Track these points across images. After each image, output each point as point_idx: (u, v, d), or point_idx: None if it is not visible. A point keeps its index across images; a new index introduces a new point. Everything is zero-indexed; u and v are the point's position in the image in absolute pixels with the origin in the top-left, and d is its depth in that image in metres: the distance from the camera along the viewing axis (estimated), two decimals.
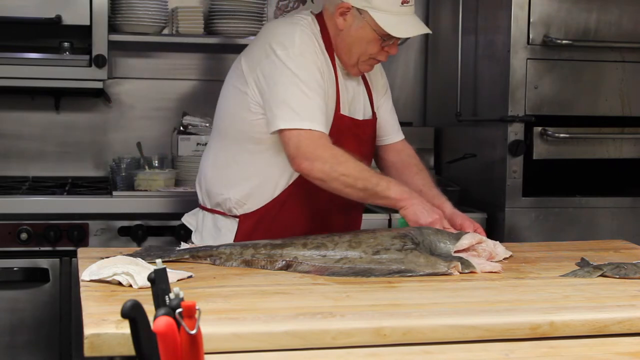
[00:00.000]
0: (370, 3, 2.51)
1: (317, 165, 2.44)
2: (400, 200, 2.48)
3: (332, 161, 2.44)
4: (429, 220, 2.45)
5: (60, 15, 3.52)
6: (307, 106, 2.46)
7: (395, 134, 2.90)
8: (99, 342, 1.62)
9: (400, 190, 2.49)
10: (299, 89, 2.47)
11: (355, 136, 2.66)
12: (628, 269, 2.23)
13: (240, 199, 2.64)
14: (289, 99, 2.47)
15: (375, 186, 2.47)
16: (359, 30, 2.55)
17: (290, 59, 2.50)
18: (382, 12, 2.51)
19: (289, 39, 2.53)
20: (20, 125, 3.94)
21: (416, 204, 2.48)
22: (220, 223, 2.69)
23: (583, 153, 3.56)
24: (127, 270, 1.99)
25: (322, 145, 2.46)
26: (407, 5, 2.53)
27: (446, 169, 4.07)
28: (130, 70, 4.03)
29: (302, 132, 2.45)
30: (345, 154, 2.48)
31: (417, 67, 4.35)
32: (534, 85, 3.45)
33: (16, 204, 3.34)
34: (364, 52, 2.58)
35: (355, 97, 2.69)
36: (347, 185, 2.46)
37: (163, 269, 1.44)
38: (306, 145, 2.44)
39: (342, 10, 2.55)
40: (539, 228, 3.49)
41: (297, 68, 2.49)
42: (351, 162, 2.47)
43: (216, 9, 3.86)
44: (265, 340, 1.67)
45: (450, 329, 1.75)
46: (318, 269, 2.22)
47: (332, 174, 2.44)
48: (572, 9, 3.47)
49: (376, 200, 2.52)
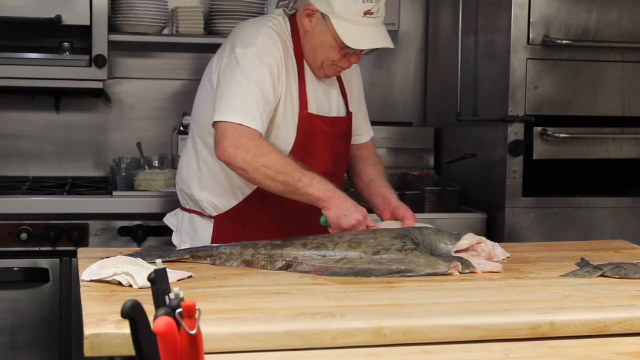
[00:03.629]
0: (333, 10, 2.50)
1: (240, 153, 2.41)
2: (322, 199, 2.43)
3: (255, 151, 2.41)
4: (352, 223, 2.41)
5: (60, 15, 3.51)
6: (244, 103, 2.46)
7: (366, 134, 2.92)
8: (99, 342, 1.63)
9: (323, 189, 2.43)
10: (241, 87, 2.47)
11: (326, 134, 2.66)
12: (628, 269, 2.23)
13: (211, 200, 2.67)
14: (230, 95, 2.47)
15: (296, 181, 2.42)
16: (321, 34, 2.55)
17: (244, 58, 2.51)
18: (344, 21, 2.50)
19: (250, 39, 2.55)
20: (20, 125, 3.94)
21: (339, 204, 2.43)
22: (197, 223, 2.72)
23: (583, 153, 3.55)
24: (127, 270, 2.00)
25: (248, 135, 2.43)
26: (370, 16, 2.50)
27: (446, 169, 4.07)
28: (130, 70, 4.03)
29: (232, 125, 2.44)
30: (270, 146, 2.46)
31: (417, 67, 4.35)
32: (534, 85, 3.45)
33: (16, 204, 3.33)
34: (326, 57, 2.58)
35: (328, 96, 2.69)
36: (268, 177, 2.42)
37: (163, 269, 1.44)
38: (231, 133, 2.43)
39: (308, 12, 2.56)
40: (539, 228, 3.49)
41: (246, 66, 2.50)
42: (275, 154, 2.43)
43: (216, 9, 3.87)
44: (265, 340, 1.67)
45: (450, 329, 1.75)
46: (318, 269, 2.22)
47: (253, 163, 2.41)
48: (572, 9, 3.47)
49: (297, 197, 2.45)
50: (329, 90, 2.71)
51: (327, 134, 2.66)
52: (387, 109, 4.32)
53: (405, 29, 4.30)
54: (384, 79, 4.32)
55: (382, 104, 4.31)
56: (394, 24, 4.25)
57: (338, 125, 2.71)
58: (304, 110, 2.61)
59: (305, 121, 2.61)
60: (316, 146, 2.62)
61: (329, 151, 2.67)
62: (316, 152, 2.60)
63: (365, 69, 4.31)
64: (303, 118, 2.60)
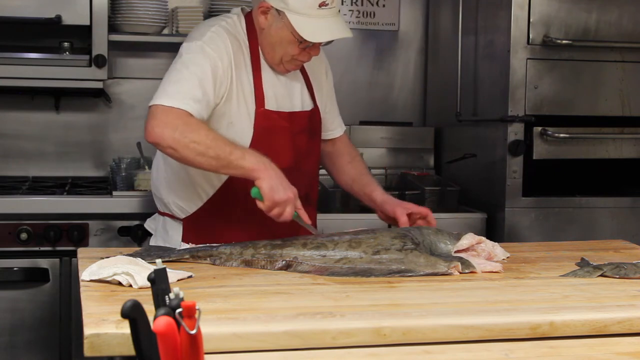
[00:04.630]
0: (287, 5, 2.49)
1: (167, 132, 2.37)
2: (255, 170, 2.35)
3: (183, 128, 2.37)
4: (283, 197, 2.33)
5: (60, 15, 3.51)
6: (177, 87, 2.43)
7: (338, 128, 2.91)
8: (99, 342, 1.63)
9: (255, 161, 2.36)
10: (179, 74, 2.46)
11: (286, 129, 2.63)
12: (628, 269, 2.23)
13: (177, 202, 2.68)
14: (167, 82, 2.47)
15: (228, 155, 2.36)
16: (278, 30, 2.53)
17: (188, 50, 2.52)
18: (299, 15, 2.48)
19: (199, 35, 2.55)
20: (20, 125, 3.94)
21: (273, 177, 2.35)
22: (168, 226, 2.73)
23: (583, 153, 3.55)
24: (127, 270, 2.00)
25: (176, 115, 2.39)
26: (325, 8, 2.49)
27: (446, 169, 4.07)
28: (130, 70, 4.03)
29: (163, 107, 2.41)
30: (200, 123, 2.42)
31: (417, 67, 4.35)
32: (534, 85, 3.45)
33: (16, 204, 3.33)
34: (285, 53, 2.56)
35: (290, 91, 2.67)
36: (198, 153, 2.37)
37: (163, 269, 1.44)
38: (160, 114, 2.40)
39: (262, 9, 2.55)
40: (539, 228, 3.49)
41: (187, 57, 2.50)
42: (204, 130, 2.39)
43: (216, 9, 3.86)
44: (265, 340, 1.67)
45: (450, 329, 1.75)
46: (318, 269, 2.22)
47: (182, 140, 2.36)
48: (572, 9, 3.47)
49: (230, 171, 2.40)
50: (291, 85, 2.68)
51: (287, 129, 2.63)
52: (387, 109, 4.32)
53: (405, 29, 4.30)
54: (384, 79, 4.32)
55: (382, 104, 4.32)
56: (394, 24, 4.26)
57: (299, 119, 2.68)
58: (261, 107, 2.58)
59: (262, 118, 2.58)
60: (276, 142, 2.59)
61: (291, 146, 2.63)
62: (276, 148, 2.56)
63: (365, 69, 4.32)
64: (259, 115, 2.58)
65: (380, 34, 4.26)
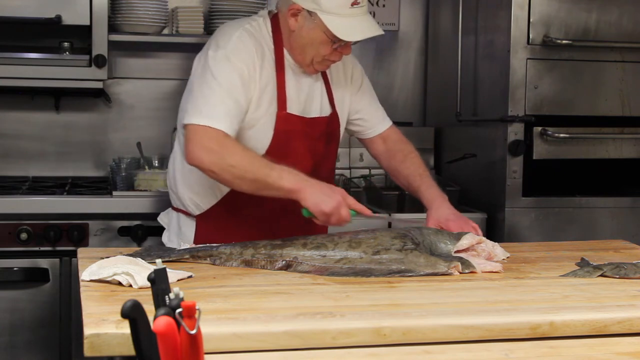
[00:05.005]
0: (320, 5, 2.50)
1: (206, 155, 2.41)
2: (295, 191, 2.37)
3: (221, 152, 2.40)
4: (333, 205, 2.34)
5: (60, 15, 3.51)
6: (213, 105, 2.46)
7: (380, 124, 2.91)
8: (99, 342, 1.63)
9: (293, 180, 2.38)
10: (210, 89, 2.48)
11: (306, 134, 2.65)
12: (628, 269, 2.23)
13: (193, 198, 2.69)
14: (199, 98, 2.48)
15: (266, 177, 2.38)
16: (310, 32, 2.54)
17: (215, 61, 2.52)
18: (332, 15, 2.50)
19: (224, 41, 2.55)
20: (20, 125, 3.94)
21: (313, 192, 2.36)
22: (182, 222, 2.74)
23: (583, 153, 3.55)
24: (127, 270, 2.00)
25: (215, 137, 2.42)
26: (357, 6, 2.51)
27: (446, 169, 4.07)
28: (130, 70, 4.03)
29: (199, 127, 2.44)
30: (236, 145, 2.44)
31: (417, 67, 4.34)
32: (534, 85, 3.45)
33: (16, 204, 3.33)
34: (317, 54, 2.57)
35: (311, 95, 2.68)
36: (237, 176, 2.41)
37: (163, 269, 1.44)
38: (199, 137, 2.43)
39: (293, 12, 2.55)
40: (539, 228, 3.49)
41: (216, 69, 2.50)
42: (240, 153, 2.42)
43: (216, 9, 3.86)
44: (265, 340, 1.67)
45: (450, 329, 1.75)
46: (318, 269, 2.22)
47: (220, 164, 2.40)
48: (572, 9, 3.47)
49: (270, 192, 2.40)
50: (313, 90, 2.69)
51: (306, 134, 2.65)
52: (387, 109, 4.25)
53: (405, 29, 4.30)
54: (384, 79, 4.32)
55: (382, 104, 4.27)
56: (394, 23, 4.26)
57: (318, 125, 2.69)
58: (282, 110, 2.60)
59: (282, 121, 2.59)
60: (294, 146, 2.61)
61: (308, 151, 2.65)
62: (294, 152, 2.58)
63: (365, 69, 4.26)
64: (281, 118, 2.59)
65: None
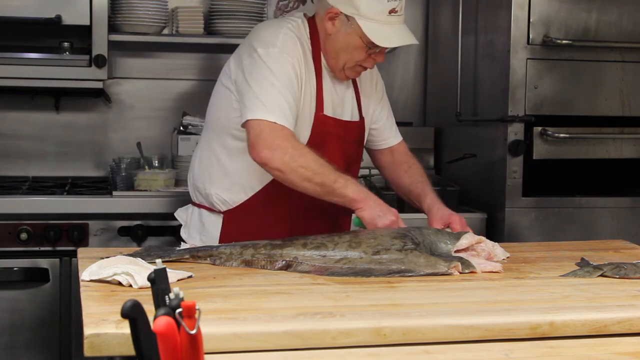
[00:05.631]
0: (359, 11, 2.51)
1: (277, 154, 2.42)
2: (357, 200, 2.45)
3: (293, 152, 2.42)
4: (386, 223, 2.44)
5: (60, 15, 3.51)
6: (275, 100, 2.47)
7: (392, 138, 2.93)
8: (99, 342, 1.63)
9: (357, 190, 2.46)
10: (271, 84, 2.49)
11: (340, 137, 2.68)
12: (628, 269, 2.23)
13: (220, 194, 2.68)
14: (260, 93, 2.48)
15: (333, 183, 2.44)
16: (346, 36, 2.56)
17: (269, 57, 2.52)
18: (370, 21, 2.52)
19: (272, 39, 2.56)
20: (20, 125, 3.94)
21: (373, 206, 2.46)
22: (205, 218, 2.73)
23: (583, 153, 3.55)
24: (127, 270, 2.00)
25: (284, 136, 2.44)
26: (395, 15, 2.53)
27: (446, 169, 4.07)
28: (130, 70, 4.03)
29: (266, 123, 2.45)
30: (305, 148, 2.48)
31: (417, 67, 4.35)
32: (534, 85, 3.45)
33: (16, 204, 3.33)
34: (350, 58, 2.59)
35: (343, 100, 2.71)
36: (305, 178, 2.43)
37: (163, 269, 1.44)
38: (267, 134, 2.44)
39: (330, 15, 2.57)
40: (539, 228, 3.49)
41: (273, 65, 2.51)
42: (311, 156, 2.45)
43: (216, 9, 3.87)
44: (265, 340, 1.67)
45: (450, 329, 1.75)
46: (318, 269, 2.22)
47: (291, 164, 2.42)
48: (572, 9, 3.47)
49: (332, 198, 2.47)
50: (345, 95, 2.72)
51: (341, 137, 2.68)
52: None
53: None
54: (384, 79, 4.23)
55: None
56: None
57: (351, 129, 2.72)
58: (320, 112, 2.62)
59: (320, 123, 2.62)
60: (329, 148, 2.62)
61: (341, 154, 2.68)
62: (328, 154, 2.59)
63: None
64: (318, 119, 2.62)
65: None
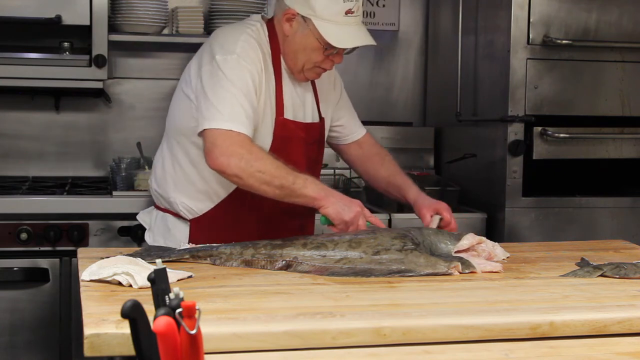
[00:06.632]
0: (315, 12, 2.51)
1: (233, 160, 2.41)
2: (318, 199, 2.45)
3: (248, 157, 2.41)
4: (351, 215, 2.42)
5: (60, 15, 3.51)
6: (232, 108, 2.46)
7: (357, 131, 2.93)
8: (99, 342, 1.63)
9: (317, 189, 2.45)
10: (228, 93, 2.47)
11: (301, 139, 2.67)
12: (628, 269, 2.23)
13: (186, 203, 2.67)
14: (216, 102, 2.47)
15: (292, 184, 2.43)
16: (303, 37, 2.55)
17: (226, 64, 2.51)
18: (326, 22, 2.51)
19: (230, 45, 2.55)
20: (20, 125, 3.94)
21: (335, 201, 2.44)
22: (171, 224, 2.72)
23: (583, 153, 3.56)
24: (127, 270, 1.99)
25: (239, 142, 2.43)
26: (351, 15, 2.52)
27: (446, 169, 4.07)
28: (130, 70, 4.03)
29: (222, 131, 2.44)
30: (262, 152, 2.47)
31: (417, 67, 4.35)
32: (534, 85, 3.45)
33: (16, 204, 3.33)
34: (308, 60, 2.58)
35: (304, 101, 2.70)
36: (263, 182, 2.42)
37: (163, 269, 1.44)
38: (222, 141, 2.43)
39: (288, 17, 2.56)
40: (539, 228, 3.49)
41: (230, 73, 2.50)
42: (268, 159, 2.44)
43: (216, 9, 3.87)
44: (265, 340, 1.67)
45: (450, 329, 1.75)
46: (318, 269, 2.22)
47: (248, 169, 2.41)
48: (572, 9, 3.47)
49: (294, 199, 2.46)
50: (305, 96, 2.71)
51: (302, 139, 2.67)
52: (387, 109, 4.32)
53: (405, 29, 4.30)
54: (384, 79, 4.32)
55: (382, 104, 4.32)
56: (394, 23, 4.26)
57: (312, 130, 2.72)
58: (280, 116, 2.61)
59: (281, 127, 2.61)
60: (291, 152, 2.62)
61: (304, 156, 2.68)
62: (291, 157, 2.59)
63: (365, 69, 4.32)
64: (279, 123, 2.61)
65: (380, 34, 4.26)
